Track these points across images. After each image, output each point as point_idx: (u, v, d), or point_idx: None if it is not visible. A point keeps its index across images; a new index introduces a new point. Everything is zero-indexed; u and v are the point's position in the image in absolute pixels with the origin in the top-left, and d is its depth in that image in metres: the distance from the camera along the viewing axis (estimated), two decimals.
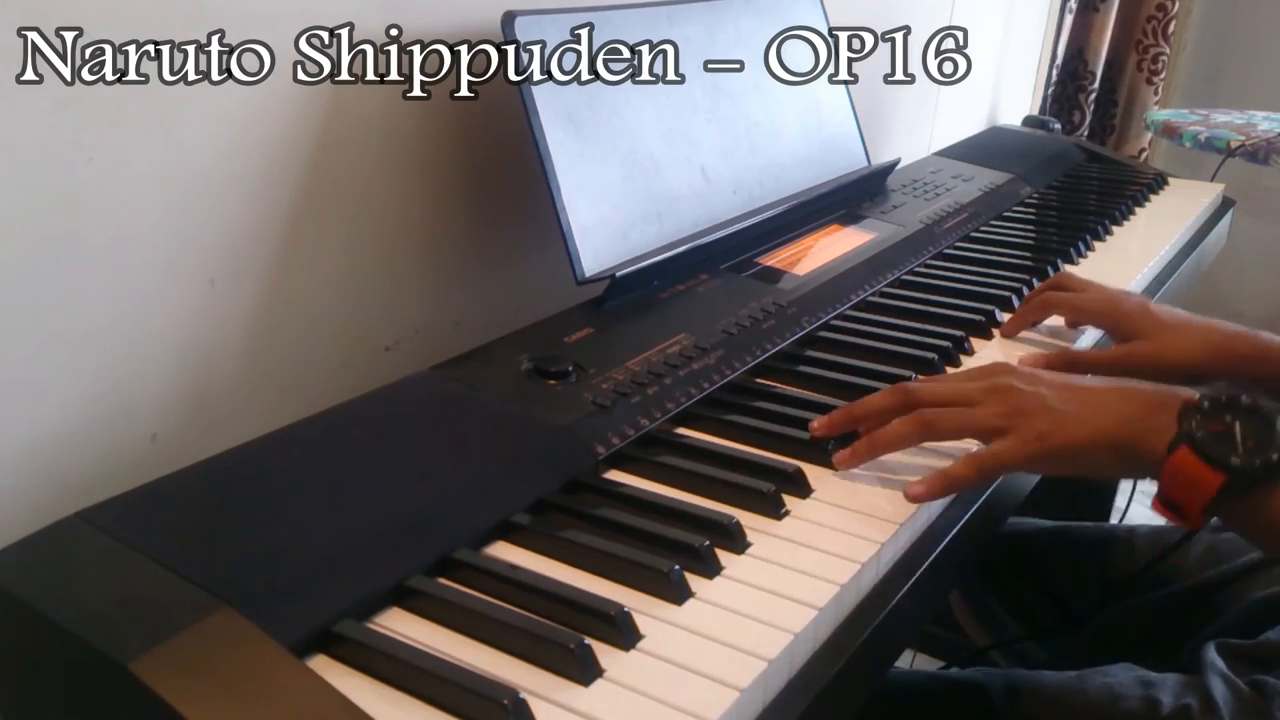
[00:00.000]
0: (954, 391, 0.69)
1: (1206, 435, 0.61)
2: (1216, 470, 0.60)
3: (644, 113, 0.94)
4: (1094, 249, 1.18)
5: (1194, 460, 0.60)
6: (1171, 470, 0.61)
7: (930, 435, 0.68)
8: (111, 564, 0.52)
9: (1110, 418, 0.64)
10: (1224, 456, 0.60)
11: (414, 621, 0.53)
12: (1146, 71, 2.36)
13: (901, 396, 0.70)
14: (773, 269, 0.97)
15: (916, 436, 0.68)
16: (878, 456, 0.69)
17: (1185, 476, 0.61)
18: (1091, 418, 0.65)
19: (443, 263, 0.93)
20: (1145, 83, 2.37)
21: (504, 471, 0.64)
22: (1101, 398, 0.66)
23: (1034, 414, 0.66)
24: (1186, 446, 0.61)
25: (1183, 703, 0.74)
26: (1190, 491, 0.61)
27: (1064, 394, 0.67)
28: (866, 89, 1.46)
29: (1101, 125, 2.39)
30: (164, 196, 0.72)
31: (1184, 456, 0.61)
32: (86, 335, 0.69)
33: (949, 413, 0.68)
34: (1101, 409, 0.65)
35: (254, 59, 0.74)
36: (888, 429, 0.68)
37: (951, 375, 0.72)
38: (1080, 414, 0.65)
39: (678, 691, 0.49)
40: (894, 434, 0.68)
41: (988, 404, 0.67)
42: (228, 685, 0.46)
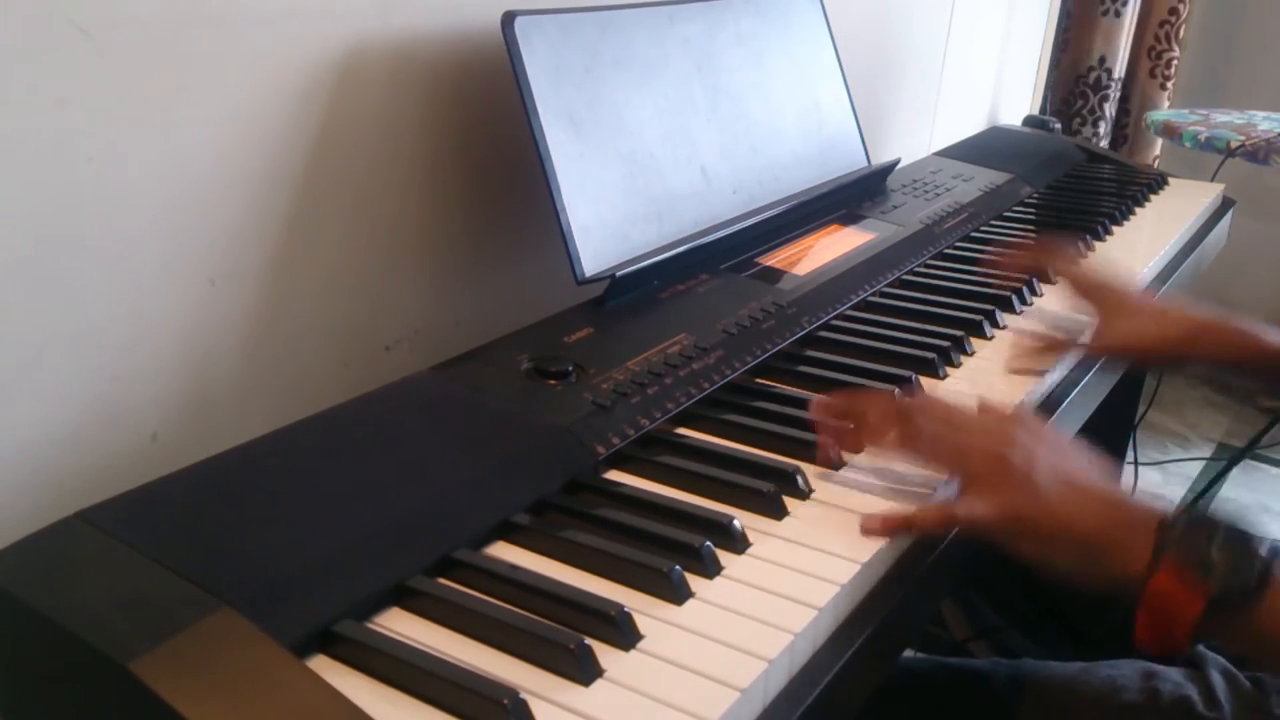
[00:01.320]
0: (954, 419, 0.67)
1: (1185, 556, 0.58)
2: (1197, 593, 0.57)
3: (644, 113, 0.94)
4: (1094, 249, 1.18)
5: (1174, 583, 0.58)
6: (1152, 594, 0.58)
7: (913, 449, 0.67)
8: (111, 564, 0.52)
9: (1086, 520, 0.61)
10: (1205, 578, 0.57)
11: (414, 621, 0.53)
12: (1160, 78, 2.36)
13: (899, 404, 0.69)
14: (773, 269, 0.97)
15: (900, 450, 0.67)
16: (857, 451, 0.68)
17: (1167, 600, 0.58)
18: (1073, 513, 0.62)
19: (443, 263, 0.93)
20: (1159, 89, 2.36)
21: (504, 471, 0.64)
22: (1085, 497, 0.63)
23: (1018, 484, 0.63)
24: (1168, 564, 0.58)
25: (1183, 694, 0.74)
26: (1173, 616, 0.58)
27: (1055, 477, 0.63)
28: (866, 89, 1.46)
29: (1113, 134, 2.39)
30: (164, 196, 0.72)
31: (1163, 579, 0.58)
32: (86, 335, 0.69)
33: (941, 438, 0.66)
34: (1082, 507, 0.62)
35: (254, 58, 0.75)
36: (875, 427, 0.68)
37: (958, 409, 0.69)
38: (1062, 504, 0.62)
39: (678, 691, 0.49)
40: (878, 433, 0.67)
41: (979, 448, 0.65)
42: (228, 685, 0.46)
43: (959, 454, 0.65)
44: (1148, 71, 2.36)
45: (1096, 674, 0.78)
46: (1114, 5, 2.21)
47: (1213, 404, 2.44)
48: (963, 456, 0.65)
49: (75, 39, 0.64)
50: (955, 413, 0.68)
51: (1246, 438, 2.32)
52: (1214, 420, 2.40)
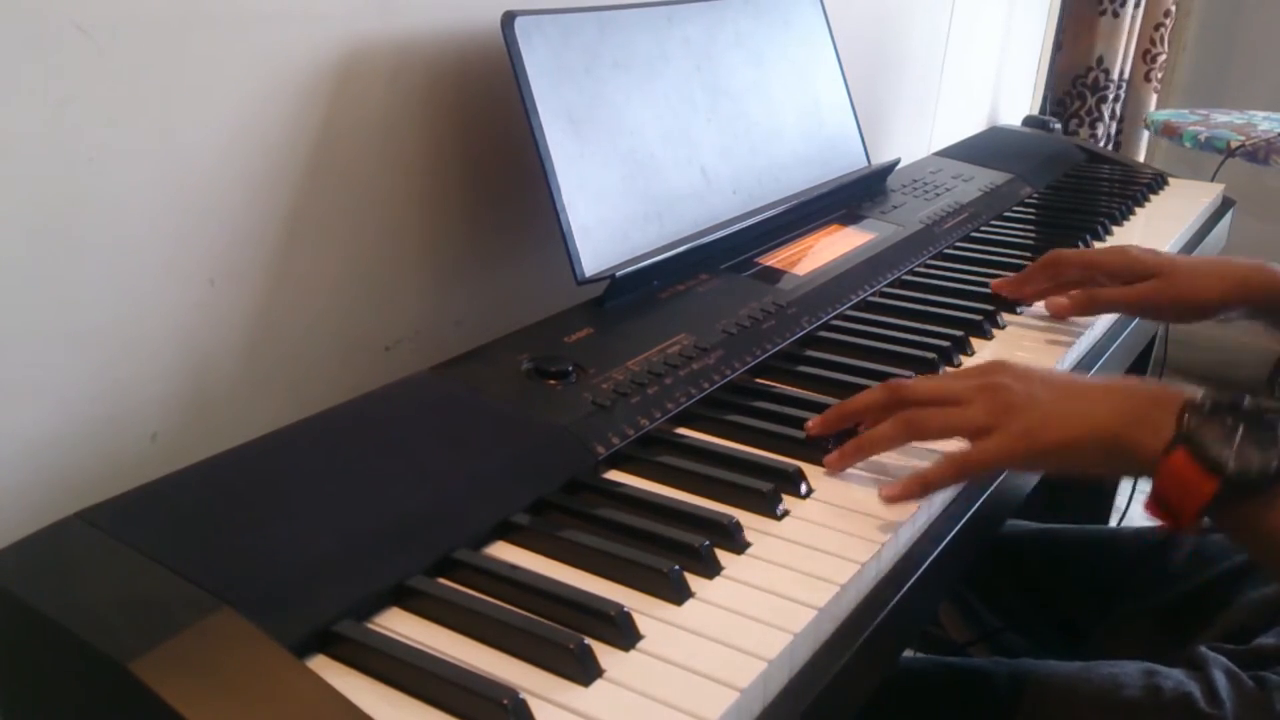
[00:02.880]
0: (943, 390, 0.68)
1: (1205, 438, 0.58)
2: (1213, 475, 0.58)
3: (644, 113, 0.94)
4: (1094, 249, 1.18)
5: (1190, 463, 0.58)
6: (1167, 472, 0.59)
7: (917, 435, 0.67)
8: (111, 564, 0.52)
9: (1103, 413, 0.63)
10: (1222, 461, 0.58)
11: (414, 621, 0.53)
12: (1154, 82, 2.36)
13: (889, 394, 0.69)
14: (773, 269, 0.97)
15: (903, 436, 0.67)
16: (866, 458, 0.68)
17: (1180, 479, 0.58)
18: (1083, 414, 0.63)
19: (443, 263, 0.93)
20: (1154, 92, 2.36)
21: (504, 471, 0.64)
22: (1096, 393, 0.65)
23: (1022, 411, 0.64)
24: (1184, 448, 0.59)
25: (1184, 691, 0.74)
26: (1185, 494, 0.59)
27: (1056, 391, 0.65)
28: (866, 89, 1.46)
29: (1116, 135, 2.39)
30: (164, 196, 0.72)
31: (1180, 458, 0.58)
32: (86, 335, 0.69)
33: (935, 412, 0.66)
34: (1095, 405, 0.63)
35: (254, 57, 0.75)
36: (874, 431, 0.68)
37: (948, 374, 0.71)
38: (1071, 410, 0.63)
39: (678, 691, 0.49)
40: (881, 435, 0.67)
41: (976, 402, 0.66)
42: (228, 685, 0.46)
43: (960, 418, 0.66)
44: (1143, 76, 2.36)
45: (1097, 672, 0.79)
46: (1112, 5, 2.21)
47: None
48: (964, 418, 0.65)
49: (75, 39, 0.64)
50: (942, 384, 0.69)
51: None
52: None
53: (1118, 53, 2.25)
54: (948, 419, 0.66)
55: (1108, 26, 2.24)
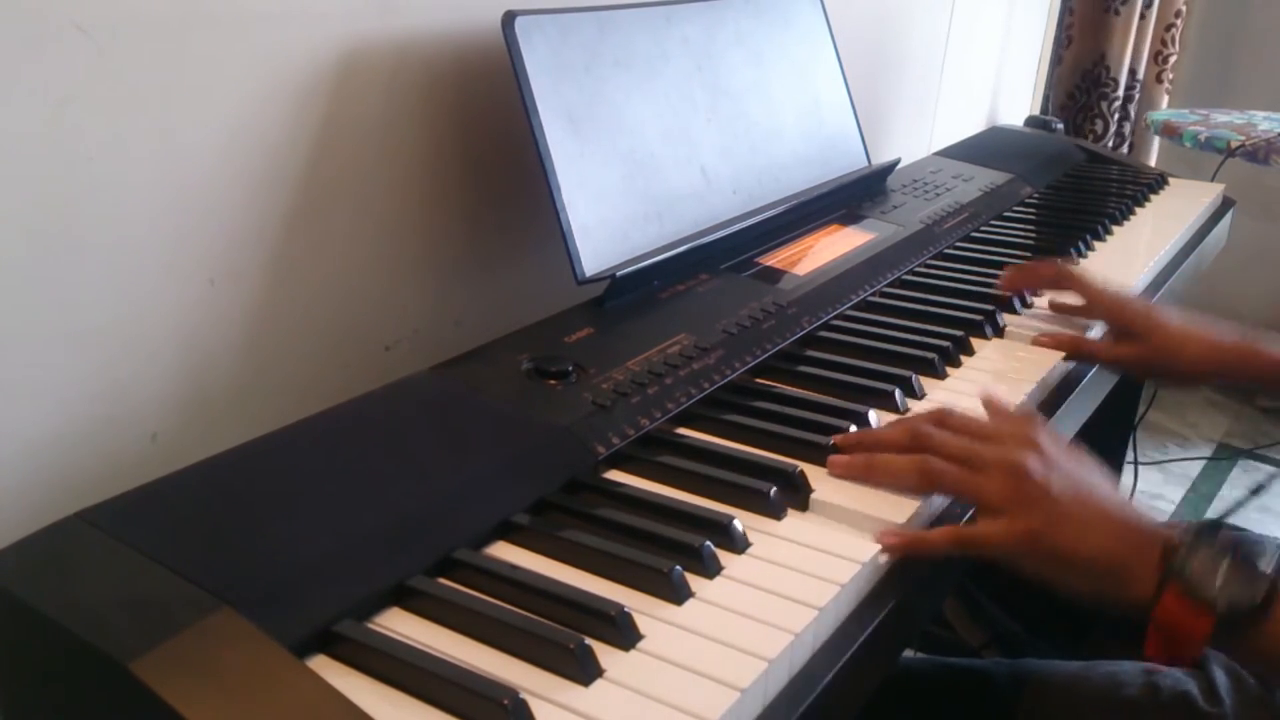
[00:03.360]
0: (967, 452, 0.66)
1: (1193, 579, 0.59)
2: (1206, 611, 0.58)
3: (644, 112, 0.94)
4: (1094, 249, 1.18)
5: (1182, 603, 0.59)
6: (1162, 615, 0.59)
7: (929, 487, 0.66)
8: (111, 564, 0.52)
9: (1097, 544, 0.62)
10: (1211, 600, 0.58)
11: (414, 621, 0.53)
12: (1165, 82, 2.36)
13: (913, 437, 0.68)
14: (773, 269, 0.97)
15: (914, 482, 0.66)
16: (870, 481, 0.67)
17: (1176, 620, 0.59)
18: (1089, 534, 0.62)
19: (443, 263, 0.93)
20: (1165, 93, 2.36)
21: (504, 471, 0.64)
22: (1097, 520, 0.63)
23: (1035, 507, 0.63)
24: (1174, 587, 0.59)
25: (1184, 689, 0.74)
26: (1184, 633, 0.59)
27: (1068, 499, 0.63)
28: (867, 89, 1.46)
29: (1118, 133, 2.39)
30: (164, 196, 0.72)
31: (1172, 600, 0.59)
32: (86, 335, 0.69)
33: (954, 474, 0.65)
34: (1094, 531, 0.62)
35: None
36: (891, 461, 0.67)
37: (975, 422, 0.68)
38: (1080, 526, 0.62)
39: (678, 691, 0.49)
40: (896, 469, 0.66)
41: (995, 478, 0.64)
42: (228, 685, 0.46)
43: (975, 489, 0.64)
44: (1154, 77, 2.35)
45: (1097, 671, 0.79)
46: (1114, 3, 2.21)
47: (1213, 404, 2.44)
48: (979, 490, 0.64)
49: (75, 39, 0.64)
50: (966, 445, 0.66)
51: (1247, 438, 2.33)
52: (1214, 420, 2.40)
53: (1122, 51, 2.25)
54: (964, 485, 0.65)
55: (1114, 24, 2.24)
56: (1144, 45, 2.29)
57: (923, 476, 0.65)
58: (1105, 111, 2.29)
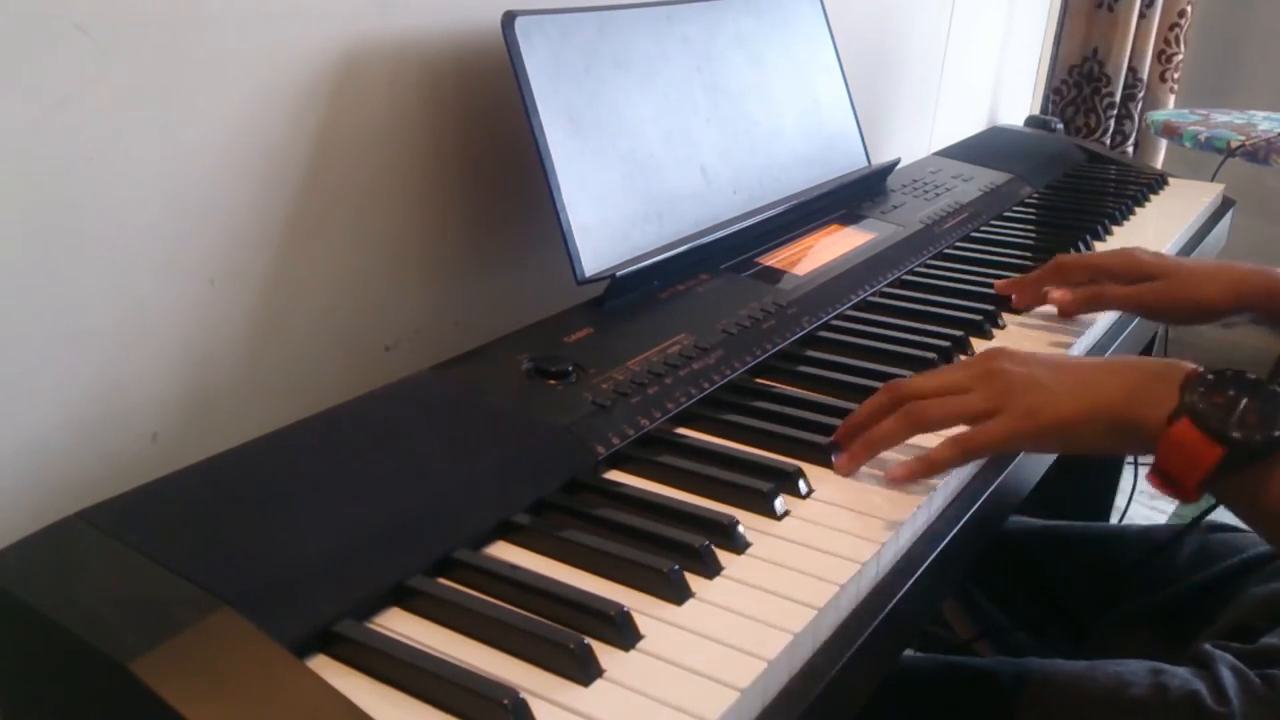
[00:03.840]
0: (943, 382, 0.68)
1: (1209, 407, 0.59)
2: (1217, 443, 0.59)
3: (644, 112, 0.94)
4: (1094, 249, 1.18)
5: (1194, 432, 0.59)
6: (1169, 441, 0.60)
7: (920, 428, 0.67)
8: (111, 564, 0.52)
9: (1106, 390, 0.63)
10: (1225, 429, 0.59)
11: (414, 621, 0.53)
12: (1170, 82, 2.35)
13: (890, 394, 0.69)
14: (773, 269, 0.97)
15: (907, 430, 0.67)
16: (875, 455, 0.68)
17: (1184, 448, 0.59)
18: (1085, 391, 0.64)
19: (443, 263, 0.93)
20: (1169, 91, 2.36)
21: (504, 471, 0.64)
22: (1097, 372, 0.65)
23: (1024, 392, 0.64)
24: (1187, 418, 0.59)
25: (1191, 689, 0.74)
26: (1188, 464, 0.60)
27: (1057, 372, 0.66)
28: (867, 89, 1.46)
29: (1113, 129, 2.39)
30: (164, 196, 0.72)
31: (1184, 428, 0.59)
32: (86, 335, 0.69)
33: (936, 403, 0.67)
34: (1097, 383, 0.64)
35: None
36: (878, 428, 0.68)
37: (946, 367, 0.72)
38: (1073, 389, 0.64)
39: (678, 691, 0.49)
40: (885, 432, 0.68)
41: (977, 388, 0.66)
42: (228, 685, 0.46)
43: (961, 405, 0.66)
44: (1159, 76, 2.35)
45: (1103, 671, 0.78)
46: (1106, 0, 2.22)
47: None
48: (966, 404, 0.66)
49: (75, 39, 0.64)
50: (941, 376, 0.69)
51: None
52: None
53: (1118, 48, 2.25)
54: (949, 407, 0.67)
55: (1106, 20, 2.24)
56: (1146, 44, 2.29)
57: (912, 421, 0.67)
58: (1099, 107, 2.29)
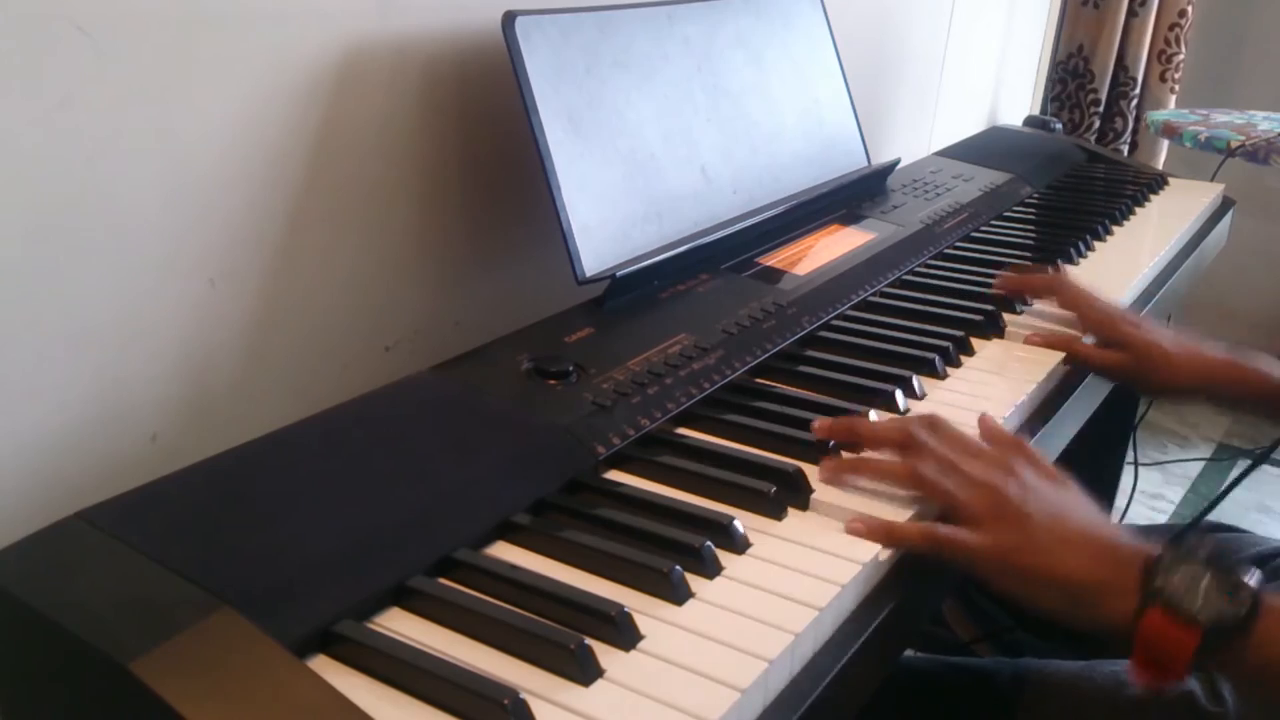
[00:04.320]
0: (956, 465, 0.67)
1: (1173, 592, 0.59)
2: (1191, 627, 0.58)
3: (644, 113, 0.94)
4: (1094, 249, 1.18)
5: (1165, 620, 0.58)
6: (1145, 634, 0.59)
7: (915, 489, 0.67)
8: (111, 564, 0.52)
9: (1074, 564, 0.62)
10: (1195, 613, 0.58)
11: (414, 621, 0.53)
12: (1170, 82, 2.36)
13: (906, 439, 0.68)
14: (773, 269, 0.97)
15: (902, 483, 0.67)
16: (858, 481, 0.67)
17: (1160, 637, 0.59)
18: (1061, 556, 0.62)
19: (443, 263, 0.93)
20: (1170, 92, 2.36)
21: (504, 471, 0.64)
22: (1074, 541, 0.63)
23: (1010, 525, 0.63)
24: (1157, 606, 0.59)
25: (1187, 689, 0.74)
26: (1169, 652, 0.59)
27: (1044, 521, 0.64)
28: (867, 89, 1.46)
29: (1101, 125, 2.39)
30: (164, 196, 0.72)
31: (1155, 618, 0.59)
32: (86, 335, 0.69)
33: (941, 483, 0.66)
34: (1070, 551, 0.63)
35: None
36: (881, 463, 0.68)
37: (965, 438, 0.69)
38: (1049, 547, 0.63)
39: (678, 692, 0.49)
40: (885, 470, 0.67)
41: (975, 493, 0.65)
42: (228, 685, 0.46)
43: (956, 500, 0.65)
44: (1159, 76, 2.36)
45: (1100, 671, 0.78)
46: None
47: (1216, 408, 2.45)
48: (960, 501, 0.65)
49: (75, 39, 0.64)
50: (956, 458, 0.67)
51: (1247, 438, 2.33)
52: (1214, 420, 2.40)
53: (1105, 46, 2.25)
54: (947, 494, 0.66)
55: (1092, 18, 2.24)
56: (1140, 43, 2.29)
57: (913, 479, 0.66)
58: (1083, 103, 2.29)
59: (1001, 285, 0.97)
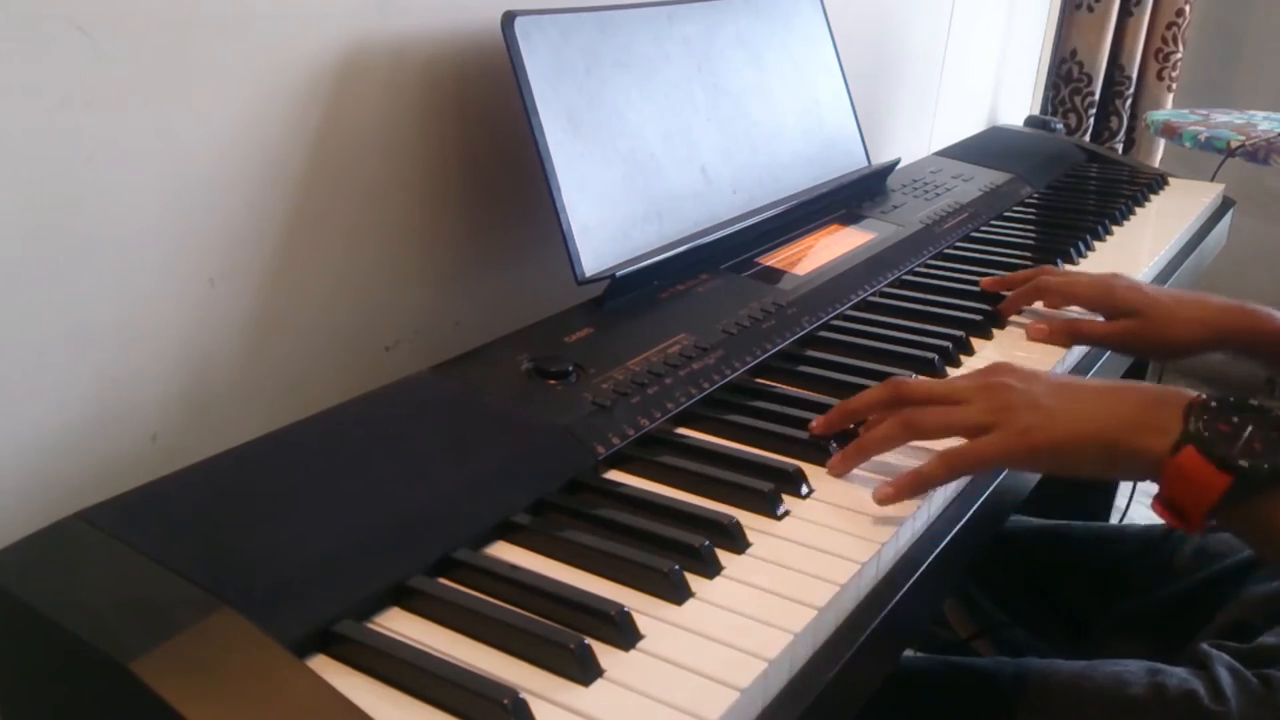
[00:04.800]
0: (944, 390, 0.68)
1: (1213, 435, 0.58)
2: (1224, 471, 0.58)
3: (644, 113, 0.94)
4: (1094, 249, 1.18)
5: (1200, 460, 0.58)
6: (1176, 470, 0.59)
7: (916, 435, 0.67)
8: (111, 564, 0.52)
9: (1105, 415, 0.62)
10: (1233, 457, 0.58)
11: (414, 621, 0.53)
12: (1168, 79, 2.36)
13: (890, 391, 0.69)
14: (773, 269, 0.97)
15: (902, 436, 0.67)
16: (868, 458, 0.68)
17: (1190, 476, 0.58)
18: (1083, 415, 0.63)
19: (443, 263, 0.93)
20: (1167, 90, 2.37)
21: (504, 471, 0.64)
22: (1098, 395, 0.64)
23: (1021, 410, 0.63)
24: (1193, 446, 0.58)
25: (1189, 689, 0.74)
26: (1195, 493, 0.59)
27: (1058, 392, 0.65)
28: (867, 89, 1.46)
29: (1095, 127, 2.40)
30: (164, 196, 0.72)
31: (1190, 456, 0.58)
32: (86, 335, 0.69)
33: (934, 411, 0.66)
34: (1097, 407, 0.63)
35: None
36: (874, 432, 0.67)
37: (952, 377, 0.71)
38: (1072, 411, 0.63)
39: (678, 691, 0.49)
40: (880, 436, 0.67)
41: (976, 401, 0.65)
42: (228, 685, 0.46)
43: (958, 416, 0.65)
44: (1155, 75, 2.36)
45: (1101, 671, 0.78)
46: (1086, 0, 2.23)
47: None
48: (963, 416, 0.65)
49: (75, 39, 0.64)
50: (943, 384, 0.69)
51: None
52: None
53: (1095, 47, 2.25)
54: (946, 417, 0.66)
55: (1085, 21, 2.25)
56: (1136, 42, 2.29)
57: (908, 428, 0.66)
58: (1079, 106, 2.29)
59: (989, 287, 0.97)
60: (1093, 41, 2.25)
